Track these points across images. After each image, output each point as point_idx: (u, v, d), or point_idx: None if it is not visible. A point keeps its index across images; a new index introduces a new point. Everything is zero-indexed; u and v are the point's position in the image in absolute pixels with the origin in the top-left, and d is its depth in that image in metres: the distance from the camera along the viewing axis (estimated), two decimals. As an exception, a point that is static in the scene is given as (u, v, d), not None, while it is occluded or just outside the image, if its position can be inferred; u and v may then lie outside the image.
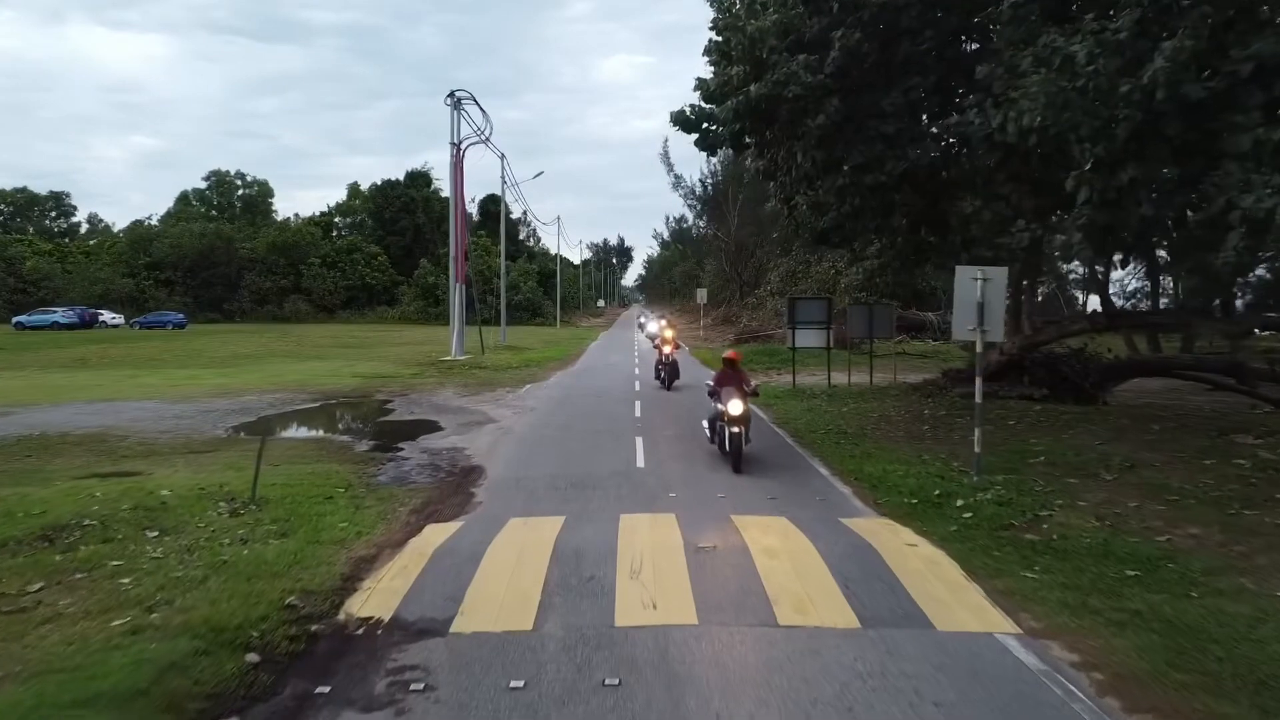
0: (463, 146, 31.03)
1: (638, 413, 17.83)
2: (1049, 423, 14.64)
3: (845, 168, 13.67)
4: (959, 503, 9.50)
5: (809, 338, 22.03)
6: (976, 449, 10.58)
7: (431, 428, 16.34)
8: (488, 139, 31.58)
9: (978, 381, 10.61)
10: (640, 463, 12.22)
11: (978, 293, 10.29)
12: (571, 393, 21.99)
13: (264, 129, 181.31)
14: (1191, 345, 29.72)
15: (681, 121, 15.07)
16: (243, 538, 8.25)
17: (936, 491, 9.95)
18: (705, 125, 14.90)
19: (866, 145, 13.35)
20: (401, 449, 13.99)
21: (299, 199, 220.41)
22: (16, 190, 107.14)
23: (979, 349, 10.51)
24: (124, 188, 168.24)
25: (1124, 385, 18.96)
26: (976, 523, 8.83)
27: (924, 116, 14.14)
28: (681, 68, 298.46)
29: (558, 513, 9.36)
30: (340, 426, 16.96)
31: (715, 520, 8.95)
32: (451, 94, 30.26)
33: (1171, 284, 25.36)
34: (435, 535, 8.45)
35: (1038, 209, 12.34)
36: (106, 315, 65.27)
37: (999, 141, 11.14)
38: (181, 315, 65.04)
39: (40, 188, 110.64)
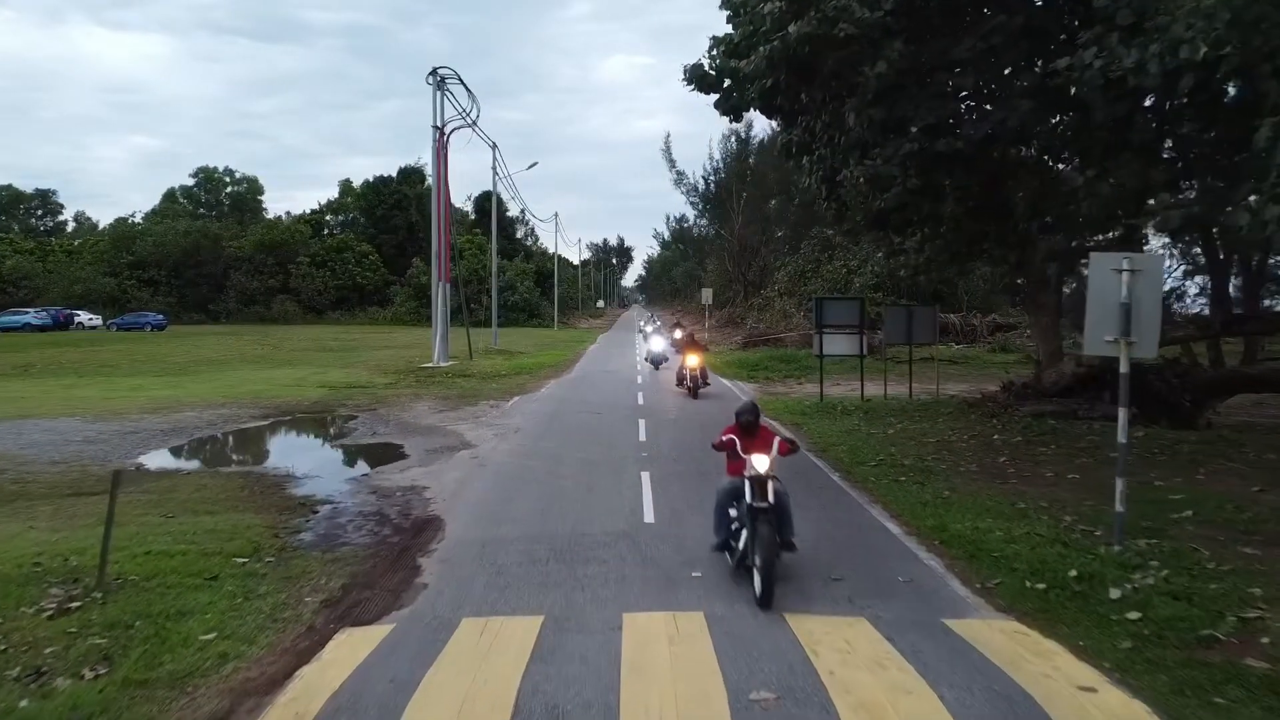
0: (447, 130, 28.09)
1: (642, 434, 14.89)
2: (1166, 456, 11.68)
3: (913, 129, 10.76)
4: (1114, 594, 6.56)
5: (839, 344, 19.09)
6: (1119, 507, 7.63)
7: (392, 455, 13.43)
8: (474, 122, 28.66)
9: (1121, 415, 7.66)
10: (649, 515, 9.28)
11: (1122, 290, 7.37)
12: (565, 407, 19.07)
13: (264, 129, 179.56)
14: (1255, 354, 26.79)
15: (698, 78, 12.16)
16: (41, 668, 5.33)
17: (1072, 572, 7.00)
18: (728, 84, 12.00)
19: (938, 102, 10.47)
20: (346, 489, 11.07)
21: (298, 199, 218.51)
22: (1, 188, 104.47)
23: (1124, 368, 7.57)
24: (123, 188, 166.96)
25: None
26: (1157, 633, 5.90)
27: (1008, 68, 11.17)
28: (681, 68, 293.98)
29: (532, 608, 6.46)
30: (279, 455, 14.00)
31: (764, 628, 6.03)
32: (434, 71, 27.28)
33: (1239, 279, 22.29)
34: (342, 659, 5.52)
35: (1169, 180, 9.49)
36: (83, 316, 62.69)
37: (1134, 87, 8.23)
38: (161, 316, 62.18)
39: (41, 188, 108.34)
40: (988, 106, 11.30)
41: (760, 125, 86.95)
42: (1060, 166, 14.30)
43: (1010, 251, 14.98)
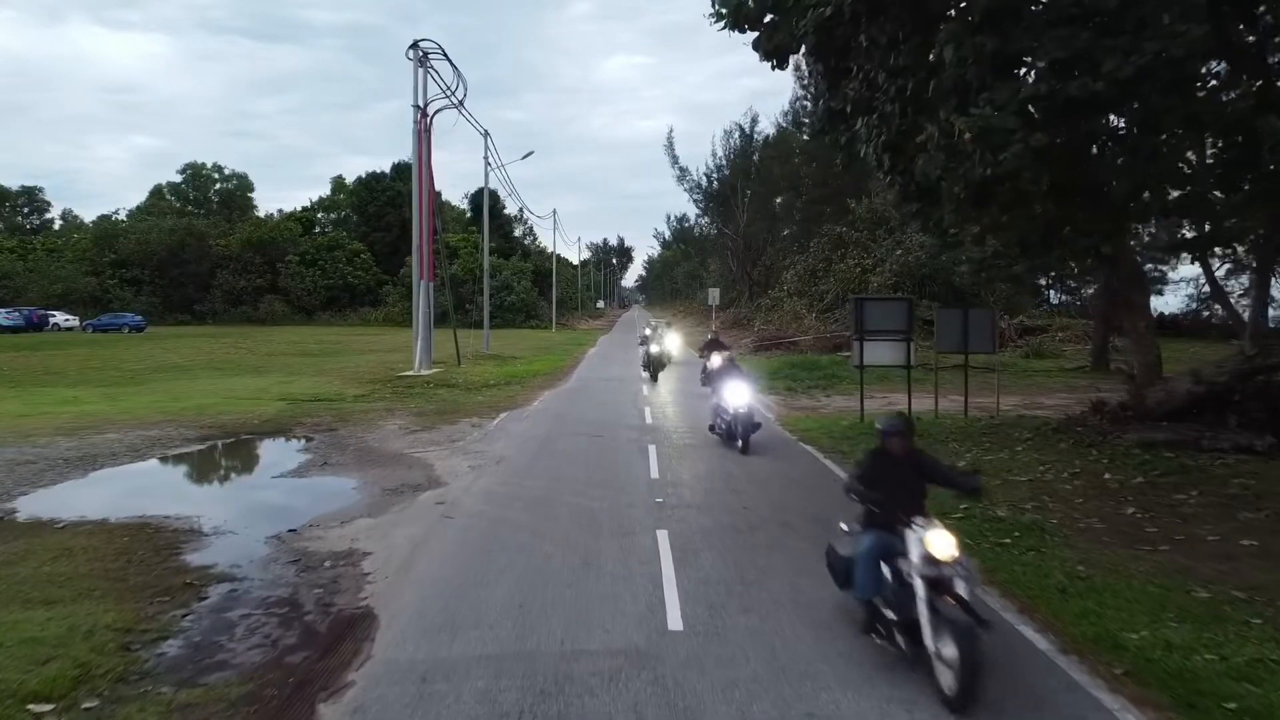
0: (430, 111, 25.21)
1: (654, 468, 12.03)
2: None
3: (1041, 64, 7.91)
4: None
5: (881, 352, 16.24)
6: None
7: (336, 499, 10.58)
8: (461, 103, 25.74)
9: None
10: (674, 616, 6.35)
11: None
12: (559, 428, 16.20)
13: (264, 129, 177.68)
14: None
15: (733, 9, 9.33)
16: None
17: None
18: (771, 18, 9.17)
19: (1068, 29, 7.66)
20: (260, 554, 8.22)
21: (298, 199, 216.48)
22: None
23: None
24: (123, 187, 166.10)
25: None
26: None
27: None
28: (682, 69, 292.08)
29: None
30: (192, 496, 11.09)
31: None
32: (415, 45, 24.37)
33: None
34: None
35: None
36: (59, 317, 60.05)
37: None
38: (140, 317, 59.39)
39: (28, 185, 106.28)
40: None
41: (765, 121, 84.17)
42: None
43: (1104, 241, 12.12)
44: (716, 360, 16.25)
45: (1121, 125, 11.91)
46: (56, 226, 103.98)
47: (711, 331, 23.55)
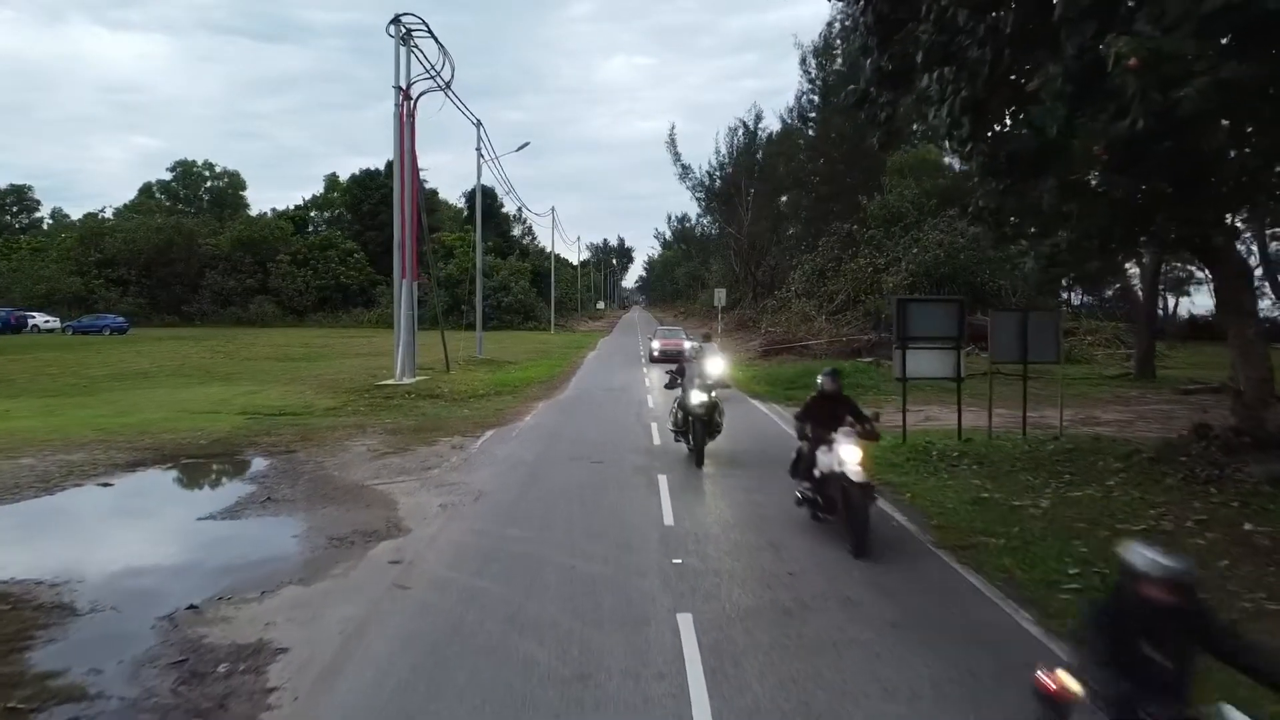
0: (413, 94, 22.99)
1: (667, 511, 9.76)
2: None
3: None
4: None
5: (926, 363, 14.00)
6: None
7: (267, 552, 8.35)
8: (448, 85, 23.51)
9: None
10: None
11: None
12: (553, 451, 13.96)
13: (264, 129, 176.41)
14: None
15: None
16: None
17: None
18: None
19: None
20: (135, 650, 5.98)
21: (297, 200, 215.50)
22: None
23: None
24: (123, 188, 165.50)
25: None
26: None
27: None
28: (683, 70, 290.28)
29: None
30: (83, 549, 8.73)
31: None
32: (396, 20, 22.12)
33: None
34: None
35: None
36: (39, 318, 57.79)
37: None
38: (122, 319, 57.17)
39: (42, 187, 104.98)
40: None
41: (769, 119, 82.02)
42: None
43: (1214, 230, 9.91)
44: (851, 452, 7.78)
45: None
46: (46, 226, 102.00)
47: (823, 377, 8.98)
